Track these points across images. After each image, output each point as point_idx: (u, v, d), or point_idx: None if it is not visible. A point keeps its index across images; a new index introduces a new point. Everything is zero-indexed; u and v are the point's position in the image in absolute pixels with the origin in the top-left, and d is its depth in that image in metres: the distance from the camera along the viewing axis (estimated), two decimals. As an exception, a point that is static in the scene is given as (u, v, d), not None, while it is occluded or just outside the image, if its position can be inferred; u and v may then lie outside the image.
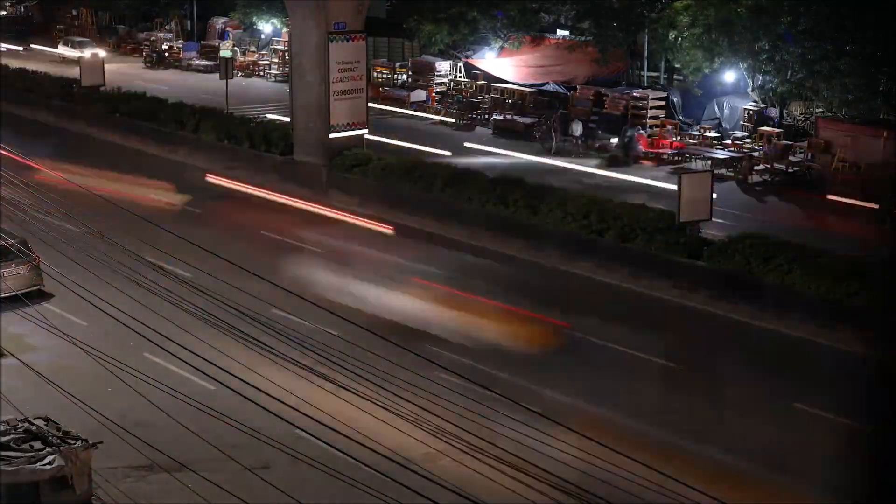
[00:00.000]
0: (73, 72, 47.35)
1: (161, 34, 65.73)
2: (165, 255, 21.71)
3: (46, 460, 15.83)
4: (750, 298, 25.69)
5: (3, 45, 63.75)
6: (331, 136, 35.44)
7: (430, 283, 27.56)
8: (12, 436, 16.23)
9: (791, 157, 37.72)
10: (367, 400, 15.32)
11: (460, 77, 50.99)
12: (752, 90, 41.22)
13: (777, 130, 39.30)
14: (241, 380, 15.60)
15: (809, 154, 37.61)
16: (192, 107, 41.93)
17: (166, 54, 62.76)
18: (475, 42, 51.61)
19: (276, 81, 56.47)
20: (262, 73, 58.63)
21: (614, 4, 45.31)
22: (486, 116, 46.34)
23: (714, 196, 27.83)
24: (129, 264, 19.57)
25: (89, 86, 44.95)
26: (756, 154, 38.18)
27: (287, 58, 47.77)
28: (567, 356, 23.67)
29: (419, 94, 49.48)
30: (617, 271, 27.98)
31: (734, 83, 42.46)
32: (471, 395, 16.93)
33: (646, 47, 46.15)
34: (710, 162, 37.93)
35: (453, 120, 46.63)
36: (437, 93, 49.60)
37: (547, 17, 51.31)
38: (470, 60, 50.88)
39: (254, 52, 61.48)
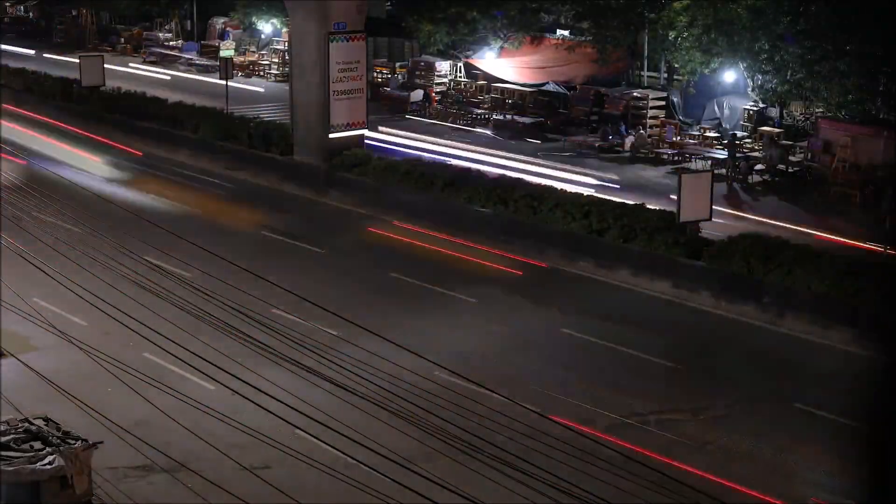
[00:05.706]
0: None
1: (161, 34, 65.68)
2: (165, 254, 21.72)
3: (46, 460, 15.82)
4: (750, 298, 25.70)
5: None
6: (331, 136, 35.44)
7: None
8: (12, 436, 16.22)
9: (791, 157, 37.70)
10: (367, 400, 15.32)
11: (460, 77, 50.96)
12: (752, 90, 41.19)
13: (777, 130, 39.27)
14: (241, 380, 15.62)
15: (809, 154, 37.58)
16: (192, 107, 41.92)
17: (166, 54, 62.68)
18: (475, 42, 51.56)
19: (276, 81, 56.42)
20: (262, 73, 58.58)
21: (613, 4, 45.27)
22: (486, 116, 46.30)
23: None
24: (130, 264, 19.59)
25: (89, 86, 44.90)
26: (755, 154, 38.16)
27: (287, 58, 47.72)
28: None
29: (418, 95, 49.43)
30: (617, 271, 27.99)
31: (734, 83, 42.43)
32: (471, 395, 16.93)
33: (646, 47, 46.12)
34: (709, 162, 37.90)
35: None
36: (437, 93, 49.58)
37: (547, 17, 51.27)
38: (470, 60, 50.82)
39: (254, 52, 61.42)
